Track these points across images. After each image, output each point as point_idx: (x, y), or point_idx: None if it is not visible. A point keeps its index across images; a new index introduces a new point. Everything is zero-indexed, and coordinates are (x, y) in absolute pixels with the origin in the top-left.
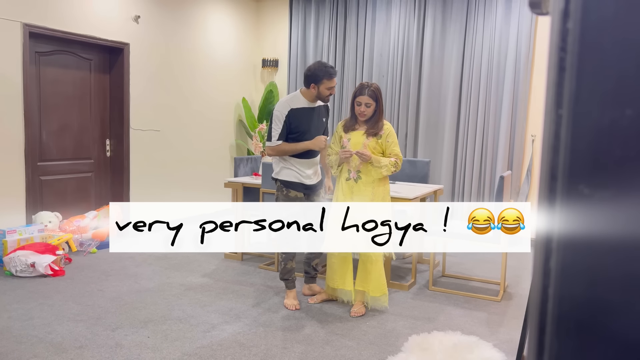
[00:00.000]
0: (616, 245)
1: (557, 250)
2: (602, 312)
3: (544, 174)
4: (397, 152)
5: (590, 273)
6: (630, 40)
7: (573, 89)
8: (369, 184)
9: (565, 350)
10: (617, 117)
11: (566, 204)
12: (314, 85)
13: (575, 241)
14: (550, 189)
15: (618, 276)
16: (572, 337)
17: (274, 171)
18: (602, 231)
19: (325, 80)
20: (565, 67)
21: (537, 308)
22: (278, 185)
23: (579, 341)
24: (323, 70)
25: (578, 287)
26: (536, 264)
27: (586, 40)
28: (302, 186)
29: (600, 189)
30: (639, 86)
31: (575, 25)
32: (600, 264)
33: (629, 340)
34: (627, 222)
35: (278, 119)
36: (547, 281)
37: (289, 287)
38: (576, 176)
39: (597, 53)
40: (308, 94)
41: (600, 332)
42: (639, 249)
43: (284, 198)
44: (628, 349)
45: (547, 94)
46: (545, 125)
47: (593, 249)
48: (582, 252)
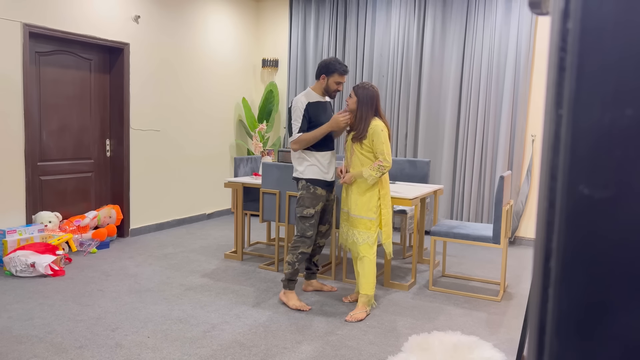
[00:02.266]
0: (616, 245)
1: (557, 250)
2: (602, 312)
3: (544, 174)
4: (382, 150)
5: (590, 273)
6: (631, 40)
7: (573, 89)
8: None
9: (565, 350)
10: (617, 117)
11: (566, 204)
12: (324, 77)
13: (575, 241)
14: (550, 189)
15: (618, 276)
16: (572, 337)
17: (298, 171)
18: (602, 231)
19: (337, 74)
20: (565, 67)
21: (537, 308)
22: (303, 184)
23: (579, 341)
24: (337, 65)
25: (578, 287)
26: (536, 264)
27: (586, 40)
28: (325, 183)
29: (600, 189)
30: (639, 86)
31: (575, 25)
32: (600, 264)
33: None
34: (627, 222)
35: (297, 112)
36: (547, 281)
37: (292, 288)
38: (576, 176)
39: (597, 53)
40: (318, 87)
41: (600, 332)
42: (639, 249)
43: (310, 196)
44: (628, 349)
45: (547, 94)
46: (545, 125)
47: (593, 249)
48: (582, 252)
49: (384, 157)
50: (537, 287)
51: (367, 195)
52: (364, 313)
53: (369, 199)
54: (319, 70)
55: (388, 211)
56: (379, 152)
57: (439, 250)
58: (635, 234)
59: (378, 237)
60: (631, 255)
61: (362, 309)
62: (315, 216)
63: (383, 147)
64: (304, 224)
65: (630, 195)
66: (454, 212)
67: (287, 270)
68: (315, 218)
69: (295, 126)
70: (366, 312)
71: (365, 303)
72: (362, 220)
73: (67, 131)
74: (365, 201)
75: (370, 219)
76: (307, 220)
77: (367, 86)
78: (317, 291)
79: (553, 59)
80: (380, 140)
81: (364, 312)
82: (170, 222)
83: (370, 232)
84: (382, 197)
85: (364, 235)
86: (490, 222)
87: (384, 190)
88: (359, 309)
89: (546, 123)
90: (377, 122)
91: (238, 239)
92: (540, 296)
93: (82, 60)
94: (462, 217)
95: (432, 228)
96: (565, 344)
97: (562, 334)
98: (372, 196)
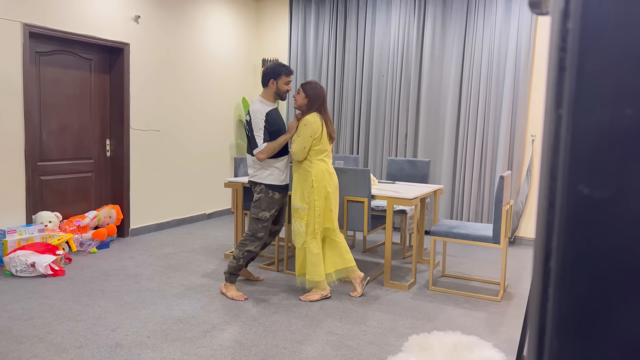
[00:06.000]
0: (616, 245)
1: (557, 250)
2: (602, 312)
3: (544, 174)
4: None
5: (590, 273)
6: (631, 40)
7: (573, 89)
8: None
9: (565, 350)
10: (617, 117)
11: (566, 204)
12: (273, 81)
13: (575, 241)
14: (550, 189)
15: (618, 276)
16: (572, 337)
17: (257, 176)
18: (602, 231)
19: (284, 75)
20: (565, 67)
21: (537, 308)
22: (262, 188)
23: (579, 341)
24: (282, 67)
25: (578, 287)
26: (536, 264)
27: (586, 40)
28: (281, 187)
29: (600, 189)
30: (639, 86)
31: (575, 25)
32: (600, 264)
33: (628, 341)
34: (627, 222)
35: (259, 124)
36: (547, 281)
37: (233, 282)
38: (576, 176)
39: (597, 53)
40: (268, 94)
41: (600, 332)
42: (639, 249)
43: (268, 200)
44: (628, 349)
45: (547, 94)
46: (545, 125)
47: (593, 249)
48: (582, 252)
49: (292, 149)
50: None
51: (300, 186)
52: (318, 295)
53: (302, 190)
54: (266, 77)
55: (321, 203)
56: (295, 140)
57: (439, 250)
58: (635, 234)
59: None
60: (631, 255)
61: (315, 292)
62: (269, 219)
63: (298, 139)
64: (257, 225)
65: (630, 195)
66: (454, 212)
67: (232, 264)
68: (268, 222)
69: (259, 136)
70: (321, 295)
71: (316, 288)
72: (297, 210)
73: (67, 131)
74: (299, 192)
75: (303, 209)
76: (260, 222)
77: (315, 85)
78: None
79: (553, 59)
80: (298, 133)
81: (317, 294)
82: (170, 222)
83: (303, 221)
84: (316, 189)
85: (298, 224)
86: (490, 222)
87: (317, 184)
88: (312, 291)
89: (546, 123)
90: (309, 117)
91: (238, 239)
92: (540, 296)
93: (82, 60)
94: (462, 217)
95: (432, 228)
96: (565, 344)
97: (562, 334)
98: (304, 187)
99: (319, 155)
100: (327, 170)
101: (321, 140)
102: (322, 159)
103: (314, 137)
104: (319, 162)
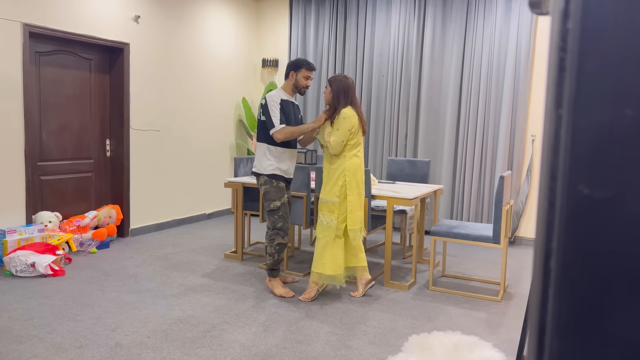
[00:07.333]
0: (616, 245)
1: (557, 250)
2: (602, 312)
3: (544, 174)
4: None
5: (590, 273)
6: (631, 40)
7: (573, 89)
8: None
9: (565, 350)
10: (617, 117)
11: (566, 204)
12: (293, 73)
13: (575, 241)
14: (550, 189)
15: (618, 276)
16: (572, 337)
17: (259, 167)
18: (602, 231)
19: (304, 69)
20: (565, 67)
21: (537, 308)
22: (265, 179)
23: (579, 341)
24: (304, 61)
25: (578, 287)
26: (536, 264)
27: (586, 40)
28: (284, 179)
29: (600, 189)
30: (639, 86)
31: (575, 25)
32: (600, 264)
33: (629, 341)
34: (627, 222)
35: (274, 105)
36: (547, 281)
37: (275, 276)
38: (576, 176)
39: (597, 53)
40: (287, 86)
41: (600, 332)
42: (639, 249)
43: (275, 189)
44: (628, 349)
45: (547, 94)
46: (545, 125)
47: (593, 249)
48: (582, 252)
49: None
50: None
51: (332, 180)
52: (315, 291)
53: (333, 184)
54: (288, 68)
55: (354, 198)
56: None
57: (439, 250)
58: (635, 234)
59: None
60: (631, 255)
61: (311, 286)
62: (282, 208)
63: (337, 132)
64: (273, 217)
65: (630, 195)
66: (454, 212)
67: (269, 261)
68: (282, 210)
69: (276, 118)
70: (317, 290)
71: (314, 281)
72: (327, 203)
73: (67, 131)
74: (331, 186)
75: (333, 203)
76: (275, 213)
77: (340, 78)
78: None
79: (553, 59)
80: (337, 126)
81: (314, 290)
82: (170, 222)
83: (333, 215)
84: (348, 184)
85: (327, 217)
86: (490, 222)
87: (349, 178)
88: (309, 287)
89: (546, 123)
90: (347, 110)
91: (238, 239)
92: (540, 296)
93: (82, 60)
94: (462, 217)
95: (432, 228)
96: (565, 344)
97: (562, 334)
98: (336, 182)
99: (353, 149)
100: (359, 167)
101: (357, 134)
102: (356, 154)
103: (352, 130)
104: (353, 157)
